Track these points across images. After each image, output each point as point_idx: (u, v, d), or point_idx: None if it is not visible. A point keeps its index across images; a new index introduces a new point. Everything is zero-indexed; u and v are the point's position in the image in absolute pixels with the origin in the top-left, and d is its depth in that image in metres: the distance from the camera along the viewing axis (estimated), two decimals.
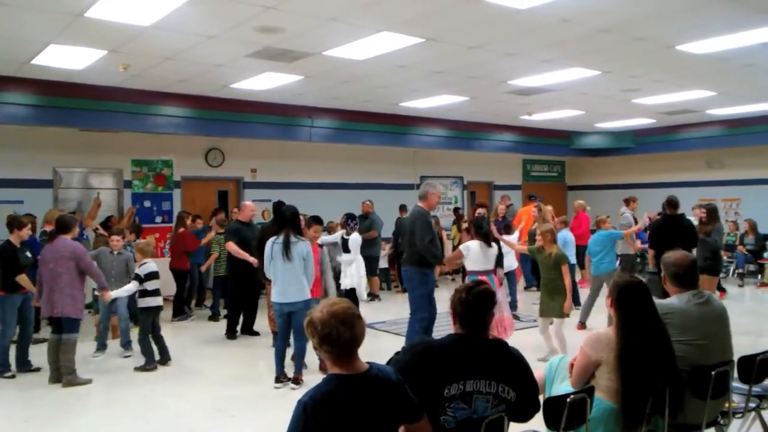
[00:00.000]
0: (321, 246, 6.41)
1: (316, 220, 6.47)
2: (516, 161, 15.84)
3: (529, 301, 9.84)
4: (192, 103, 9.63)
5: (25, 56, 7.20)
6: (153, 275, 6.47)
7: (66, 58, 7.24)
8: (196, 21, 5.98)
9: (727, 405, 3.47)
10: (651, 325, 3.05)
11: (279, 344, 5.88)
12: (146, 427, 4.88)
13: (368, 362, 2.38)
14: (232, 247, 7.65)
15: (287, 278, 5.68)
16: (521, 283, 10.80)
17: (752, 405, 3.61)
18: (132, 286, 6.40)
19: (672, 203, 7.64)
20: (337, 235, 8.17)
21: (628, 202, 10.65)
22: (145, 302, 6.43)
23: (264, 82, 8.70)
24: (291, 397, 5.43)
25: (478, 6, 5.60)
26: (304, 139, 11.08)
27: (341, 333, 2.26)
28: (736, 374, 3.46)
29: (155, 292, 6.47)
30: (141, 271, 6.44)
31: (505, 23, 6.13)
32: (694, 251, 7.37)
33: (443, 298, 3.69)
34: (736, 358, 3.47)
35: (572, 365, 3.18)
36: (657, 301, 3.28)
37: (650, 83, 9.13)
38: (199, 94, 9.53)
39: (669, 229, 7.41)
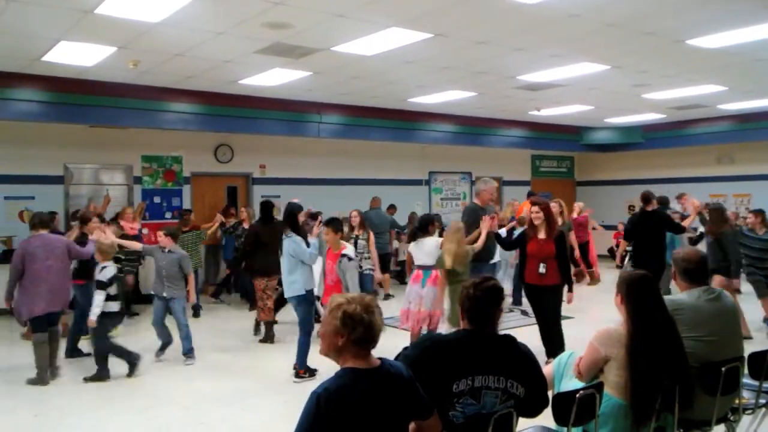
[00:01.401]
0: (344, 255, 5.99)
1: (328, 223, 6.09)
2: (525, 157, 15.78)
3: None
4: (201, 99, 9.66)
5: (36, 53, 7.25)
6: (115, 278, 6.07)
7: (76, 55, 7.28)
8: (204, 17, 6.00)
9: (737, 401, 3.46)
10: (660, 319, 3.04)
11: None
12: (155, 421, 4.91)
13: (380, 358, 2.40)
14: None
15: (283, 273, 5.98)
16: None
17: (762, 401, 3.59)
18: (100, 298, 5.88)
19: (644, 198, 8.02)
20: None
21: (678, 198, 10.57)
22: (107, 306, 5.93)
23: (273, 78, 8.71)
24: (299, 389, 5.46)
25: (486, 1, 5.59)
26: (313, 135, 11.10)
27: (372, 321, 2.31)
28: (746, 370, 3.45)
29: (117, 297, 6.08)
30: (103, 275, 5.96)
31: (513, 18, 6.11)
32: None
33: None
34: (746, 354, 3.46)
35: (579, 363, 3.18)
36: (667, 297, 3.28)
37: (660, 78, 9.06)
38: (208, 90, 9.56)
39: (640, 224, 7.91)
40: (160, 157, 10.89)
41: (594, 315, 8.43)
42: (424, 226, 6.39)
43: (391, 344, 3.25)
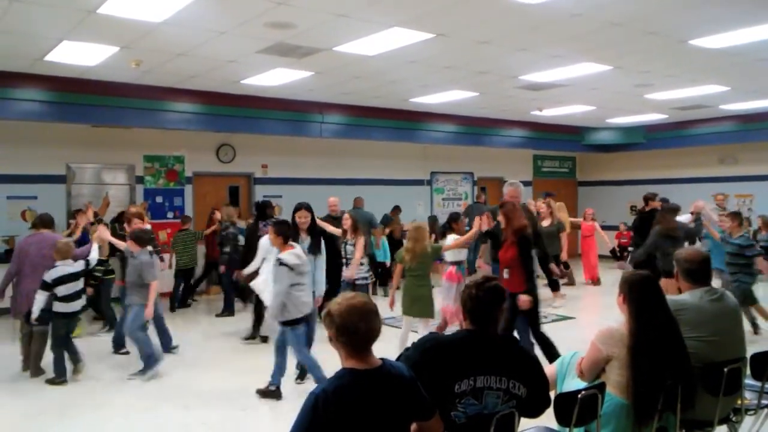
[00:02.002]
0: None
1: (274, 224, 5.65)
2: (526, 157, 15.77)
3: None
4: (203, 99, 9.67)
5: (39, 53, 7.25)
6: (64, 279, 5.80)
7: (79, 55, 7.29)
8: (207, 17, 6.00)
9: (739, 402, 3.45)
10: (663, 319, 3.04)
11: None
12: (156, 421, 4.93)
13: (381, 358, 2.39)
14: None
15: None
16: None
17: (765, 402, 3.58)
18: (41, 299, 5.70)
19: (644, 199, 8.51)
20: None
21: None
22: (56, 307, 5.79)
23: (275, 78, 8.71)
24: (301, 389, 5.47)
25: (488, 1, 5.59)
26: (315, 134, 11.10)
27: (358, 327, 2.28)
28: (749, 371, 3.45)
29: (68, 297, 5.82)
30: (48, 276, 5.75)
31: (515, 18, 6.10)
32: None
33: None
34: (749, 354, 3.45)
35: (581, 363, 3.19)
36: (670, 297, 3.27)
37: (663, 78, 9.05)
38: (210, 90, 9.56)
39: (637, 224, 8.34)
40: (162, 157, 10.90)
41: (596, 315, 8.43)
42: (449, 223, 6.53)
43: (390, 344, 3.25)
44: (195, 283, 10.03)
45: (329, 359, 2.79)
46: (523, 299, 5.42)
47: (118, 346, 6.89)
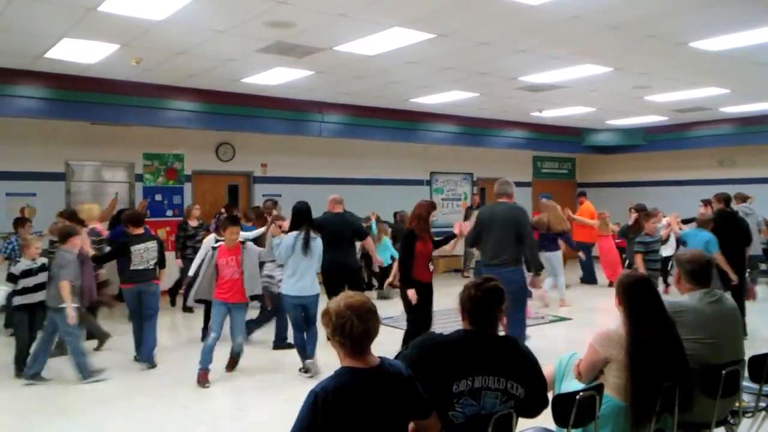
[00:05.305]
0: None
1: (233, 221, 6.14)
2: (526, 158, 15.77)
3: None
4: (203, 97, 9.66)
5: (39, 50, 7.25)
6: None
7: (79, 52, 7.29)
8: (207, 16, 6.00)
9: (737, 404, 3.46)
10: (659, 321, 3.04)
11: (299, 337, 5.97)
12: (154, 420, 4.92)
13: (380, 357, 2.40)
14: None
15: (307, 272, 5.92)
16: None
17: (762, 404, 3.59)
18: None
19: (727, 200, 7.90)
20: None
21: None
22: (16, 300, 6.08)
23: (275, 77, 8.72)
24: (300, 388, 5.45)
25: (489, 2, 5.59)
26: (314, 134, 11.10)
27: (355, 326, 2.28)
28: (746, 373, 3.45)
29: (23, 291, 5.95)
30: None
31: (516, 19, 6.11)
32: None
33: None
34: (747, 357, 3.45)
35: (578, 364, 3.19)
36: (669, 299, 3.28)
37: (662, 80, 9.06)
38: (210, 88, 9.56)
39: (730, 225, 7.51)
40: (161, 155, 10.89)
41: (593, 317, 8.43)
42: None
43: (390, 344, 3.25)
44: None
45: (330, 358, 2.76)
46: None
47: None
